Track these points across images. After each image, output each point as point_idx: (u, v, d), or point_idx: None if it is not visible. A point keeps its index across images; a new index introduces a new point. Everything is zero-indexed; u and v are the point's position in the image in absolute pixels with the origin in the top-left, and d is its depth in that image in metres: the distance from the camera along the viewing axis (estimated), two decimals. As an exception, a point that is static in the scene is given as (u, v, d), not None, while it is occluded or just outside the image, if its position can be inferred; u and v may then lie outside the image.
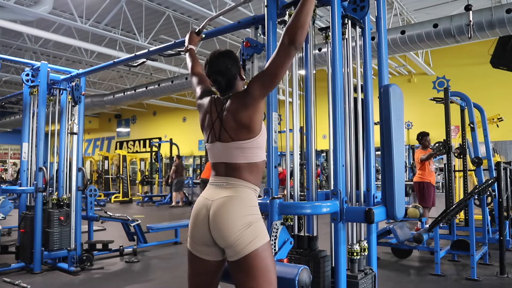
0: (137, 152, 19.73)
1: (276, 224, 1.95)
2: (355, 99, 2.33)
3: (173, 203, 12.39)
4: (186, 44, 2.45)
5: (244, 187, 1.74)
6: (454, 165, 6.97)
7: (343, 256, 2.07)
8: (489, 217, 5.24)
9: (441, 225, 4.65)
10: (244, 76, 1.91)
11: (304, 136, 2.45)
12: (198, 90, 2.07)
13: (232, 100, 1.81)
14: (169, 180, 12.61)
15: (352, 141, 2.26)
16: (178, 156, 13.19)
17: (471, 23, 5.22)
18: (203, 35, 2.57)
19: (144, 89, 12.67)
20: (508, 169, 5.29)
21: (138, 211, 11.31)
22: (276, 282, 1.71)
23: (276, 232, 1.94)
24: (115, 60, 4.32)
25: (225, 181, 1.76)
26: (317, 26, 3.77)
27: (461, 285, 4.15)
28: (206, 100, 1.93)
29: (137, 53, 3.90)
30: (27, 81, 5.05)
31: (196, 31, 2.41)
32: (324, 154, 13.59)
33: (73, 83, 4.94)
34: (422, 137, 6.64)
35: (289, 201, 2.36)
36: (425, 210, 6.38)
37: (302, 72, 2.54)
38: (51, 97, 5.20)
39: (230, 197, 1.70)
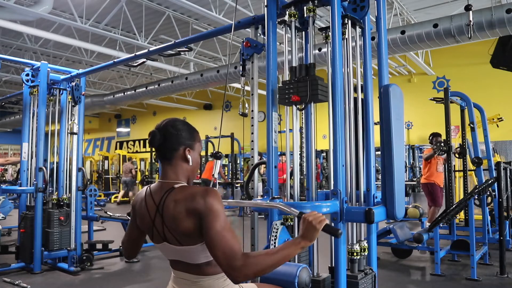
0: (137, 152, 19.73)
1: (276, 224, 1.95)
2: (355, 99, 2.33)
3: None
4: None
5: (212, 280, 1.49)
6: (454, 165, 6.96)
7: (343, 256, 2.06)
8: (489, 217, 5.25)
9: (441, 225, 4.65)
10: (189, 159, 1.54)
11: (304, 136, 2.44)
12: None
13: (177, 196, 1.43)
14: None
15: (352, 141, 2.26)
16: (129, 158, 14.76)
17: (471, 23, 5.21)
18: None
19: (144, 89, 12.67)
20: (508, 169, 5.29)
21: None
22: None
23: (276, 232, 1.94)
24: (115, 60, 4.32)
25: (190, 280, 1.49)
26: (317, 26, 3.76)
27: (461, 285, 4.15)
28: (141, 193, 1.59)
29: (137, 53, 3.91)
30: (27, 81, 5.05)
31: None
32: (324, 154, 13.58)
33: (73, 83, 4.94)
34: (434, 137, 6.40)
35: (289, 201, 2.35)
36: (436, 209, 6.37)
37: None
38: (51, 97, 5.20)
39: None
